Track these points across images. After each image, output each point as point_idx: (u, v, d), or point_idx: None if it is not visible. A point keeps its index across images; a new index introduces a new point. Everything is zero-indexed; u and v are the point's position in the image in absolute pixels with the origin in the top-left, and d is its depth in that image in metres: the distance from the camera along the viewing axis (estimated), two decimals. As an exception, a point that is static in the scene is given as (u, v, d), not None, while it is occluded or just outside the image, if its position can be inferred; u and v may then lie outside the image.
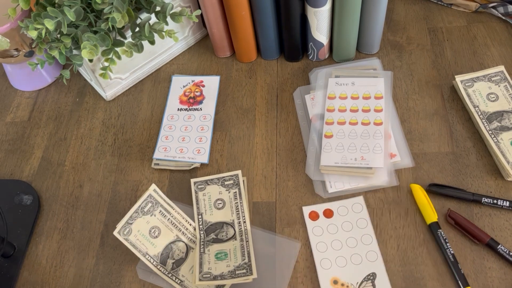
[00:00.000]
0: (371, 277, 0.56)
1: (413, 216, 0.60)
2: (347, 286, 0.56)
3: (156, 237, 0.59)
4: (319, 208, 0.61)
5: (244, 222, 0.61)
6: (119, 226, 0.57)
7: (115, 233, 0.56)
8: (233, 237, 0.60)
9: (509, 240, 0.57)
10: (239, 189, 0.63)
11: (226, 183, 0.64)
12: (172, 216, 0.60)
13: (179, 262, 0.59)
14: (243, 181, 0.64)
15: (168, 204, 0.60)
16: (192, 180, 0.65)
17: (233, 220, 0.61)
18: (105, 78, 0.68)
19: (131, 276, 0.60)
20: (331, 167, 0.63)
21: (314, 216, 0.61)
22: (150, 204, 0.59)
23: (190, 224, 0.61)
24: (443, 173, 0.63)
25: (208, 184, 0.64)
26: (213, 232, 0.60)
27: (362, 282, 0.56)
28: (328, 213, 0.61)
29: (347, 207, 0.61)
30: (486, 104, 0.66)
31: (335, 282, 0.56)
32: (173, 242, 0.59)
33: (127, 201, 0.66)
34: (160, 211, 0.59)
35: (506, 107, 0.65)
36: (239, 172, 0.64)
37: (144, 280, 0.59)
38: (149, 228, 0.58)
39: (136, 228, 0.58)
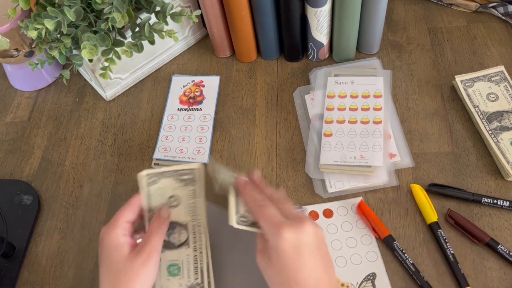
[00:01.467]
0: (371, 277, 0.56)
1: (413, 216, 0.60)
2: (347, 286, 0.56)
3: (175, 206, 0.52)
4: (319, 208, 0.61)
5: (199, 226, 0.52)
6: (150, 171, 0.51)
7: (142, 173, 0.51)
8: (186, 243, 0.52)
9: (509, 240, 0.57)
10: (198, 186, 0.53)
11: (182, 177, 0.53)
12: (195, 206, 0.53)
13: None
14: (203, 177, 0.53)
15: (202, 191, 0.53)
16: (144, 172, 0.53)
17: (187, 223, 0.52)
18: (105, 78, 0.68)
19: (131, 276, 0.60)
20: (330, 165, 0.63)
21: (313, 216, 0.61)
22: (189, 176, 0.52)
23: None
24: (443, 173, 0.63)
25: (164, 177, 0.53)
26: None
27: (362, 282, 0.56)
28: (328, 213, 0.61)
29: (346, 207, 0.61)
30: (486, 104, 0.66)
31: None
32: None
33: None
34: (193, 189, 0.53)
35: (506, 107, 0.65)
36: (198, 166, 0.53)
37: (144, 280, 0.59)
38: (171, 194, 0.52)
39: (162, 185, 0.52)
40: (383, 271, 0.56)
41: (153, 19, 0.67)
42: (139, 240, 0.51)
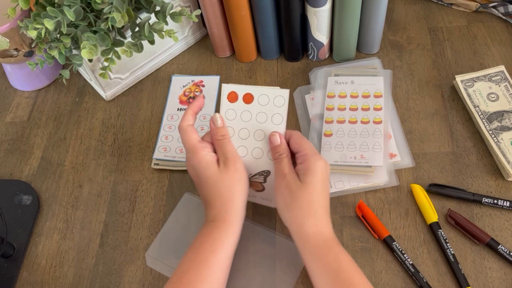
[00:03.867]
0: (265, 173, 0.57)
1: (414, 216, 0.60)
2: None
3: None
4: (241, 90, 0.57)
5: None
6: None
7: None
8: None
9: (510, 240, 0.57)
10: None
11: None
12: None
13: None
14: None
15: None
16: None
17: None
18: (104, 78, 0.68)
19: (131, 276, 0.60)
20: (330, 165, 0.62)
21: (233, 97, 0.57)
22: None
23: None
24: (443, 173, 0.63)
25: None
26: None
27: (255, 175, 0.57)
28: (248, 98, 0.57)
29: (269, 97, 0.57)
30: (486, 104, 0.65)
31: None
32: None
33: (127, 201, 0.66)
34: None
35: (506, 107, 0.65)
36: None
37: (144, 280, 0.59)
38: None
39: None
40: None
41: (153, 19, 0.67)
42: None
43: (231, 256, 0.52)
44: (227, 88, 0.57)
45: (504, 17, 0.76)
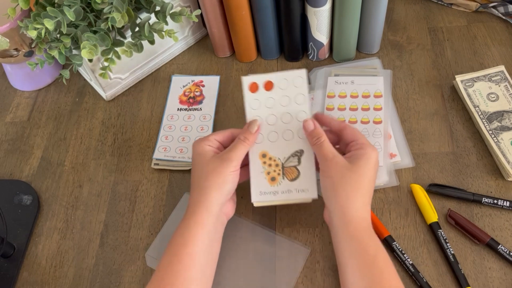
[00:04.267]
0: (299, 154, 0.57)
1: (413, 216, 0.60)
2: (274, 160, 0.57)
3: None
4: (260, 80, 0.59)
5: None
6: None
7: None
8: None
9: (510, 240, 0.57)
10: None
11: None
12: None
13: None
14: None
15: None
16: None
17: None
18: (104, 78, 0.68)
19: (131, 276, 0.60)
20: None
21: (254, 88, 0.59)
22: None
23: None
24: (443, 173, 0.63)
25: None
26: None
27: (289, 157, 0.57)
28: (269, 85, 0.59)
29: (288, 80, 0.59)
30: (486, 104, 0.65)
31: (264, 155, 0.57)
32: None
33: (127, 201, 0.66)
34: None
35: (506, 107, 0.65)
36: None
37: (144, 280, 0.59)
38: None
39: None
40: (311, 149, 0.56)
41: (153, 19, 0.67)
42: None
43: (205, 249, 0.52)
44: (247, 80, 0.58)
45: (504, 17, 0.76)
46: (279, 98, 0.58)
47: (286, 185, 0.56)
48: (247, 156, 0.57)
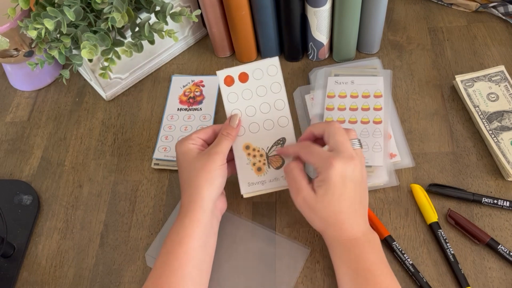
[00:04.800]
0: (281, 142, 0.58)
1: (413, 216, 0.60)
2: (258, 151, 0.58)
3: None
4: (234, 71, 0.59)
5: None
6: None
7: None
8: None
9: (509, 240, 0.57)
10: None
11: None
12: None
13: None
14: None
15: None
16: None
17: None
18: (104, 78, 0.68)
19: (131, 276, 0.60)
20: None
21: (229, 81, 0.59)
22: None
23: None
24: (443, 173, 0.63)
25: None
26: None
27: (272, 146, 0.58)
28: (244, 77, 0.59)
29: (262, 70, 0.59)
30: (486, 104, 0.65)
31: (247, 147, 0.58)
32: None
33: (127, 201, 0.66)
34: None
35: (506, 107, 0.65)
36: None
37: (144, 280, 0.59)
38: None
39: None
40: (293, 136, 0.57)
41: (153, 19, 0.67)
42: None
43: (201, 245, 0.52)
44: (222, 73, 0.58)
45: (504, 17, 0.76)
46: (255, 89, 0.58)
47: (272, 174, 0.57)
48: (231, 151, 0.57)
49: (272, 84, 0.58)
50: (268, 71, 0.58)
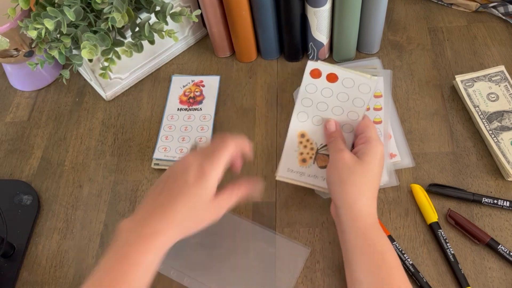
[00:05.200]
0: None
1: (413, 216, 0.60)
2: (311, 143, 0.58)
3: None
4: (325, 69, 0.59)
5: None
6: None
7: None
8: None
9: (509, 240, 0.57)
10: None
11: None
12: None
13: None
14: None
15: None
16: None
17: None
18: (105, 78, 0.68)
19: (131, 276, 0.60)
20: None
21: (316, 74, 0.59)
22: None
23: None
24: (443, 173, 0.63)
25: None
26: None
27: (325, 146, 0.58)
28: (332, 78, 0.59)
29: (354, 81, 0.59)
30: (486, 104, 0.65)
31: (302, 135, 0.58)
32: None
33: (127, 201, 0.66)
34: None
35: (506, 107, 0.65)
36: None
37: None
38: None
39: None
40: (349, 146, 0.57)
41: (153, 19, 0.67)
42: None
43: None
44: (311, 65, 0.59)
45: (504, 17, 0.76)
46: (337, 92, 0.58)
47: (314, 170, 0.57)
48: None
49: (356, 98, 0.58)
50: (359, 87, 0.58)
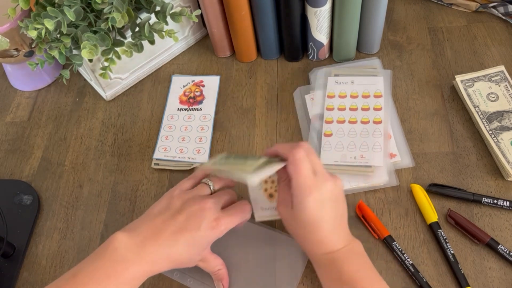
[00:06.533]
0: None
1: (413, 216, 0.60)
2: (271, 177, 0.57)
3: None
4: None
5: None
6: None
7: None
8: None
9: (509, 240, 0.57)
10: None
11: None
12: None
13: None
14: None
15: None
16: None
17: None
18: (105, 78, 0.68)
19: (131, 276, 0.60)
20: (330, 165, 0.63)
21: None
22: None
23: None
24: (443, 173, 0.63)
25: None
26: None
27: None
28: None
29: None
30: (486, 104, 0.66)
31: None
32: None
33: (127, 201, 0.66)
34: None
35: (506, 107, 0.65)
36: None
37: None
38: None
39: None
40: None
41: (153, 19, 0.67)
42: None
43: None
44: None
45: (504, 17, 0.76)
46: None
47: None
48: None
49: None
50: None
